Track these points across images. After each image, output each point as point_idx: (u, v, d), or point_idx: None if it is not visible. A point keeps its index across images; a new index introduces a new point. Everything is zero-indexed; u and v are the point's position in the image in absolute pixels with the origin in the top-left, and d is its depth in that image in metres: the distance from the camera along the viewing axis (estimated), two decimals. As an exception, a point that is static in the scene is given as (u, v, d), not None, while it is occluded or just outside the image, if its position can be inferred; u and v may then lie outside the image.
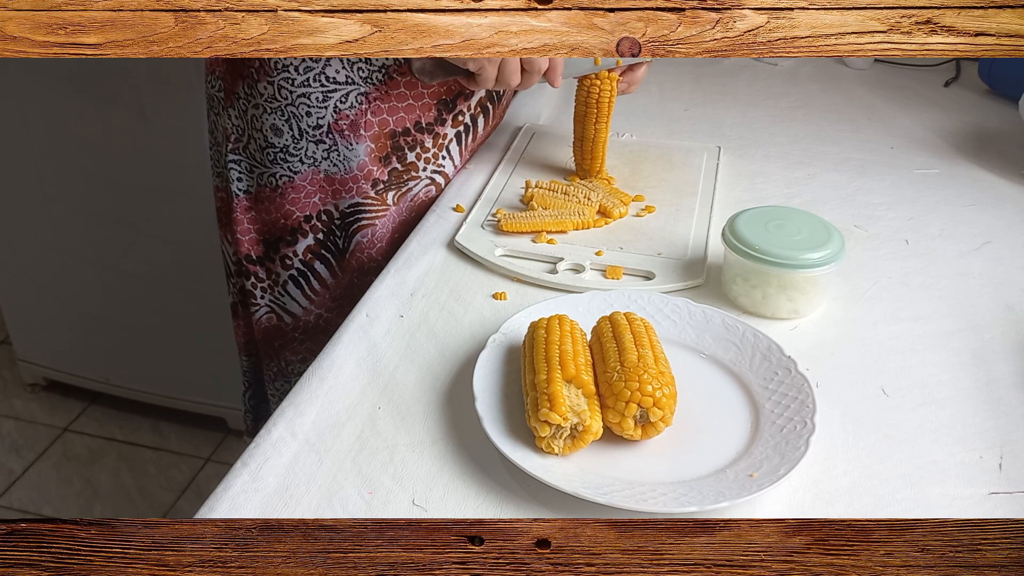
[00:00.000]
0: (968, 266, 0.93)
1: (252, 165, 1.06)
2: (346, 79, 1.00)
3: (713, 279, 0.90)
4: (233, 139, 1.06)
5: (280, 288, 1.12)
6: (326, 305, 1.12)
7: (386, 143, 1.04)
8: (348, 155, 1.02)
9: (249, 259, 1.11)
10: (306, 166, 1.04)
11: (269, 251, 1.10)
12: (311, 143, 1.02)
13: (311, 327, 1.14)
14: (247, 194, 1.08)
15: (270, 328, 1.15)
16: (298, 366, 1.18)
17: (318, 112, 1.01)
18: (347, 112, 1.01)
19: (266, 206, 1.07)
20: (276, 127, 1.02)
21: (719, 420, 0.71)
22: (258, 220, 1.09)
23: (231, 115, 1.06)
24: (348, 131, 1.02)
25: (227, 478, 0.65)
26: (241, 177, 1.08)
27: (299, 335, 1.15)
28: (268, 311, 1.14)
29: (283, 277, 1.11)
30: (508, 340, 0.78)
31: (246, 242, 1.10)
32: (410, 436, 0.70)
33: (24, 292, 1.97)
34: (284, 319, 1.14)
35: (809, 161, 1.17)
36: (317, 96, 1.00)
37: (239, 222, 1.09)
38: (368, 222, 1.06)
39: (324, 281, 1.10)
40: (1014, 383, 0.76)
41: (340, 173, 1.03)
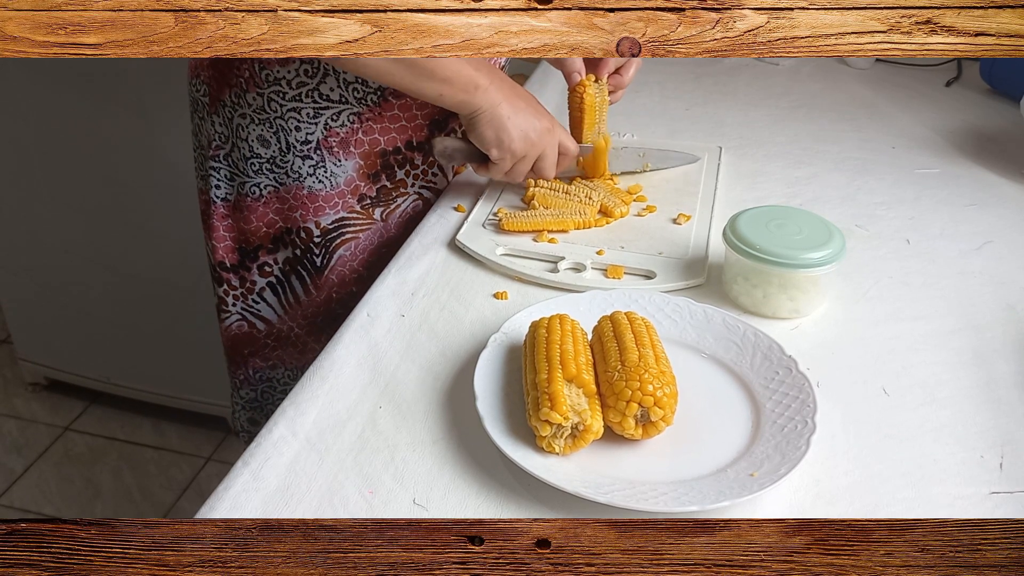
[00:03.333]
0: (969, 266, 0.93)
1: (233, 173, 1.05)
2: (340, 98, 0.98)
3: (714, 278, 0.90)
4: (215, 146, 1.05)
5: (256, 295, 1.11)
6: (298, 321, 1.12)
7: (376, 161, 1.03)
8: (335, 171, 1.01)
9: (223, 266, 1.10)
10: (291, 180, 1.02)
11: (244, 259, 1.09)
12: (298, 157, 1.01)
13: (283, 336, 1.13)
14: (225, 201, 1.07)
15: (240, 336, 1.14)
16: (267, 372, 1.17)
17: (308, 128, 0.99)
18: (337, 130, 1.00)
19: (245, 215, 1.06)
20: (263, 138, 1.01)
21: (720, 420, 0.71)
22: (234, 228, 1.08)
23: (215, 122, 1.04)
24: (337, 148, 1.00)
25: (228, 477, 0.65)
26: (220, 184, 1.06)
27: (271, 342, 1.14)
28: (239, 319, 1.13)
29: (260, 284, 1.10)
30: (509, 339, 0.78)
31: (221, 249, 1.09)
32: (411, 435, 0.70)
33: (25, 291, 1.97)
34: (257, 326, 1.13)
35: (810, 160, 1.17)
36: (308, 112, 0.98)
37: (215, 228, 1.08)
38: (352, 236, 1.05)
39: (298, 296, 1.10)
40: (1015, 382, 0.76)
41: (325, 190, 1.02)
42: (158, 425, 2.04)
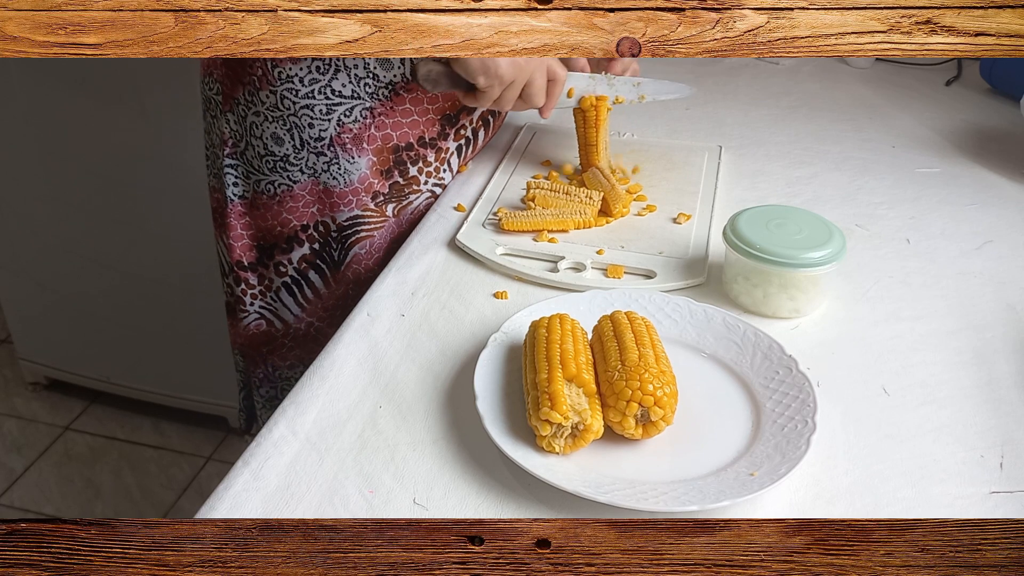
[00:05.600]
0: (969, 265, 0.93)
1: (249, 171, 1.05)
2: (352, 93, 0.99)
3: (714, 278, 0.90)
4: (230, 144, 1.05)
5: (273, 294, 1.11)
6: (318, 315, 1.12)
7: (388, 157, 1.03)
8: (349, 168, 1.02)
9: (240, 265, 1.10)
10: (305, 176, 1.03)
11: (263, 257, 1.09)
12: (312, 154, 1.01)
13: (301, 335, 1.14)
14: (242, 199, 1.07)
15: (258, 334, 1.15)
16: (286, 371, 1.17)
17: (321, 124, 1.00)
18: (350, 126, 1.00)
19: (262, 213, 1.07)
20: (277, 136, 1.01)
21: (720, 419, 0.71)
22: (252, 226, 1.08)
23: (229, 120, 1.05)
24: (351, 144, 1.01)
25: (228, 477, 0.66)
26: (237, 182, 1.06)
27: (288, 341, 1.15)
28: (258, 317, 1.13)
29: (276, 283, 1.10)
30: (509, 339, 0.78)
31: (238, 248, 1.09)
32: (411, 435, 0.70)
33: (25, 291, 1.97)
34: (275, 324, 1.14)
35: (810, 160, 1.17)
36: (321, 108, 0.99)
37: (232, 227, 1.08)
38: (367, 234, 1.06)
39: (317, 291, 1.10)
40: (1015, 382, 0.76)
41: (340, 186, 1.03)
42: (158, 425, 2.04)
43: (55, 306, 1.97)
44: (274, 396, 1.20)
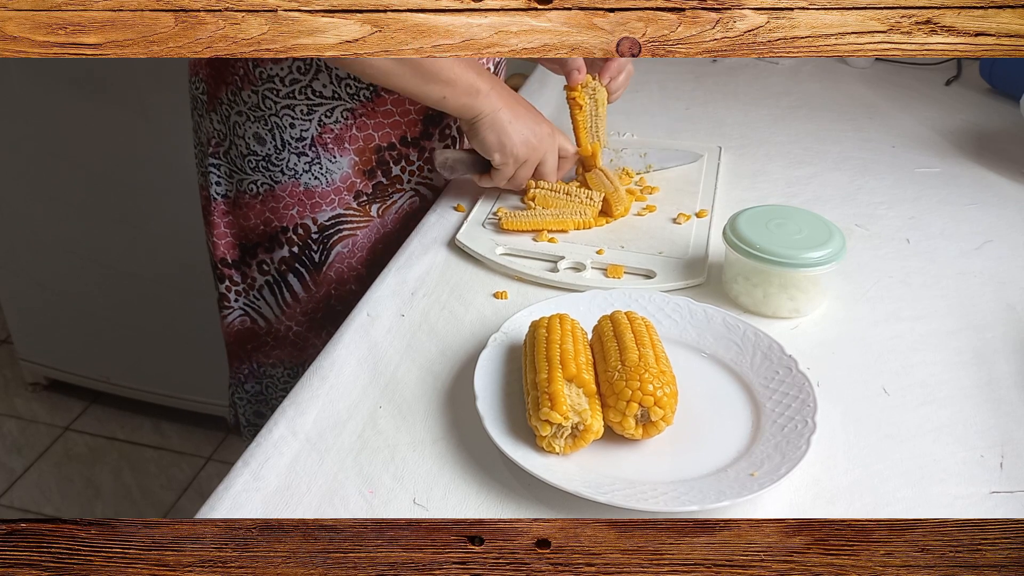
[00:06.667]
0: (969, 265, 0.93)
1: (232, 170, 1.05)
2: (333, 94, 0.98)
3: (714, 278, 0.90)
4: (214, 143, 1.06)
5: (256, 292, 1.11)
6: (297, 319, 1.12)
7: (371, 157, 1.03)
8: (331, 168, 1.02)
9: (224, 262, 1.10)
10: (287, 177, 1.03)
11: (245, 256, 1.10)
12: (293, 155, 1.01)
13: (282, 336, 1.14)
14: (225, 198, 1.08)
15: (243, 331, 1.15)
16: (270, 369, 1.17)
17: (302, 124, 1.00)
18: (331, 126, 1.00)
19: (244, 212, 1.07)
20: (259, 136, 1.01)
21: (720, 419, 0.71)
22: (235, 225, 1.09)
23: (213, 119, 1.05)
24: (332, 145, 1.01)
25: (228, 477, 0.66)
26: (220, 181, 1.07)
27: (271, 340, 1.15)
28: (241, 314, 1.14)
29: (259, 282, 1.11)
30: (509, 339, 0.78)
31: (222, 245, 1.09)
32: (411, 435, 0.70)
33: (25, 291, 1.97)
34: (258, 323, 1.14)
35: (810, 160, 1.17)
36: (302, 108, 0.99)
37: (216, 225, 1.09)
38: (349, 233, 1.06)
39: (296, 295, 1.10)
40: (1015, 382, 0.76)
41: (322, 186, 1.02)
42: (158, 425, 2.04)
43: (55, 306, 1.97)
44: (259, 392, 1.21)
